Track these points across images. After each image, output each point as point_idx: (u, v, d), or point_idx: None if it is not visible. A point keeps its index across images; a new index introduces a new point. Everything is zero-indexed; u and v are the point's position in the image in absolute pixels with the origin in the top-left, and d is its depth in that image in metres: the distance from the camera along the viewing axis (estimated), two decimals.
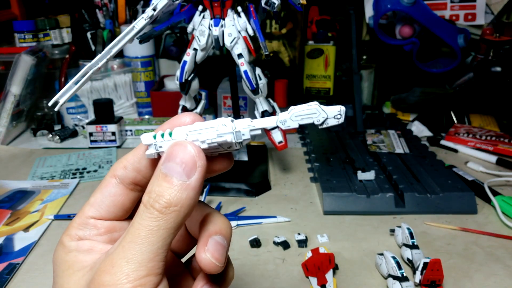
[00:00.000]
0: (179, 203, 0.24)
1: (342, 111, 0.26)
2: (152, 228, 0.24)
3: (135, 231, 0.24)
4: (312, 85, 1.09)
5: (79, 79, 0.54)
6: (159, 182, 0.25)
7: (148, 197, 0.25)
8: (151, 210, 0.24)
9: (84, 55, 1.10)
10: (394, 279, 0.49)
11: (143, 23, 0.59)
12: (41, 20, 1.09)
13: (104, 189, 0.28)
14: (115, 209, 0.28)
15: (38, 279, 0.53)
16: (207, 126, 0.26)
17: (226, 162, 0.28)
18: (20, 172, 0.83)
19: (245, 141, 0.27)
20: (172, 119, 0.28)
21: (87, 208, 0.28)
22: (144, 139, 0.27)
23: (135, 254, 0.23)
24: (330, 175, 0.74)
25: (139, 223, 0.24)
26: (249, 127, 0.26)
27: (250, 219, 0.65)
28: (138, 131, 0.99)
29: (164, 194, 0.24)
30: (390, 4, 0.92)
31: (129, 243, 0.24)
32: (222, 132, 0.26)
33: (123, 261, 0.23)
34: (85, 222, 0.28)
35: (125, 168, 0.28)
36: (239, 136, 0.26)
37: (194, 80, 0.72)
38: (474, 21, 1.05)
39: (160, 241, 0.24)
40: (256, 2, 0.66)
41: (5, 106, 0.95)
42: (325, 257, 0.52)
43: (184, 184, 0.25)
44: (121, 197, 0.28)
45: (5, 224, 0.65)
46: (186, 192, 0.24)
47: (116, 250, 0.24)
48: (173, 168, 0.25)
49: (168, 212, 0.24)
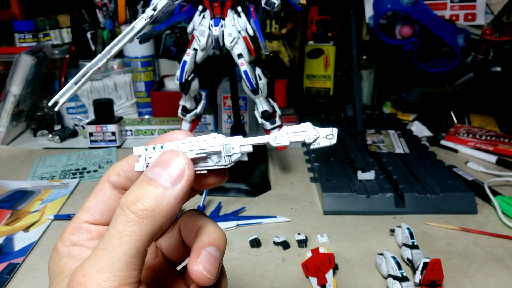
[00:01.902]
0: (157, 209, 0.23)
1: (334, 132, 0.26)
2: (125, 234, 0.23)
3: (108, 237, 0.23)
4: (312, 85, 1.09)
5: (79, 79, 0.54)
6: (141, 185, 0.24)
7: (125, 198, 0.24)
8: (127, 212, 0.23)
9: (84, 55, 1.10)
10: (394, 279, 0.49)
11: (143, 23, 0.59)
12: (41, 20, 1.09)
13: (98, 194, 0.28)
14: (108, 213, 0.28)
15: (38, 279, 0.53)
16: (198, 139, 0.26)
17: (219, 178, 0.28)
18: (20, 172, 0.83)
19: (235, 156, 0.26)
20: (165, 135, 0.28)
21: (81, 213, 0.28)
22: (136, 151, 0.27)
23: (107, 263, 0.22)
24: (330, 175, 0.74)
25: (113, 227, 0.23)
26: (240, 142, 0.26)
27: (250, 219, 0.65)
28: (138, 131, 0.99)
29: (143, 197, 0.23)
30: (390, 4, 0.92)
31: (101, 250, 0.23)
32: (212, 144, 0.26)
33: (94, 270, 0.22)
34: (78, 226, 0.28)
35: (118, 174, 0.28)
36: (229, 149, 0.26)
37: (194, 80, 0.72)
38: (474, 21, 1.05)
39: (133, 249, 0.23)
40: (256, 2, 0.66)
41: (5, 106, 0.95)
42: (325, 257, 0.52)
43: (167, 190, 0.24)
44: (114, 201, 0.28)
45: (5, 224, 0.65)
46: (167, 199, 0.24)
47: (89, 258, 0.23)
48: (159, 173, 0.24)
49: (144, 216, 0.23)
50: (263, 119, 0.73)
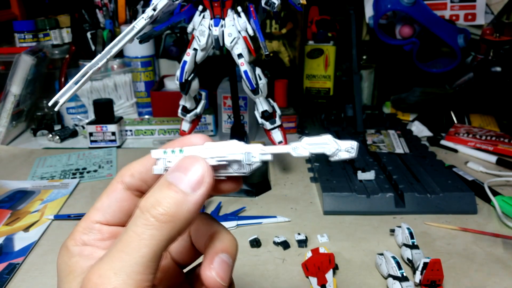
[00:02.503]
0: (177, 214, 0.23)
1: (354, 146, 0.27)
2: (144, 238, 0.23)
3: (127, 239, 0.23)
4: (312, 85, 1.09)
5: (79, 79, 0.54)
6: (161, 188, 0.24)
7: (145, 201, 0.24)
8: (147, 216, 0.23)
9: (84, 55, 1.11)
10: (394, 279, 0.49)
11: (143, 23, 0.59)
12: (41, 20, 1.09)
13: (111, 194, 0.28)
14: (120, 214, 0.28)
15: (38, 279, 0.53)
16: (218, 145, 0.26)
17: (235, 184, 0.28)
18: (20, 172, 0.83)
19: (255, 165, 0.27)
20: (182, 138, 0.28)
21: (93, 212, 0.28)
22: (154, 153, 0.27)
23: (124, 266, 0.22)
24: (330, 175, 0.74)
25: (132, 230, 0.23)
26: (260, 151, 0.27)
27: (250, 219, 0.65)
28: (138, 131, 0.99)
29: (163, 201, 0.24)
30: (390, 4, 0.92)
31: (119, 252, 0.23)
32: (233, 151, 0.26)
33: (111, 272, 0.22)
34: (90, 226, 0.28)
35: (132, 176, 0.28)
36: (249, 158, 0.26)
37: (194, 80, 0.72)
38: (474, 21, 1.05)
39: (151, 253, 0.23)
40: (256, 2, 0.66)
41: (5, 106, 0.95)
42: (325, 257, 0.52)
43: (187, 196, 0.24)
44: (127, 202, 0.28)
45: (5, 224, 0.65)
46: (187, 204, 0.24)
47: (105, 258, 0.23)
48: (180, 178, 0.24)
49: (163, 220, 0.23)
50: (263, 119, 0.73)
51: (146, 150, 1.00)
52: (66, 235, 0.28)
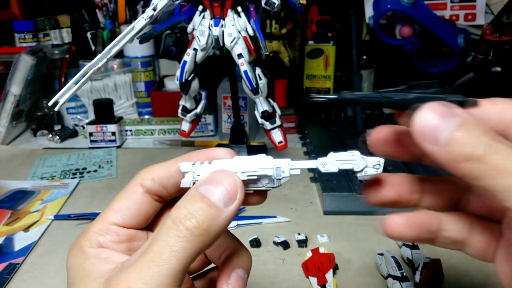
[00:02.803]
0: (209, 228, 0.24)
1: (381, 162, 0.27)
2: (176, 250, 0.23)
3: (158, 250, 0.23)
4: (312, 85, 1.09)
5: (79, 79, 0.55)
6: (194, 201, 0.24)
7: (178, 212, 0.24)
8: (180, 227, 0.23)
9: (84, 55, 1.11)
10: (394, 279, 0.49)
11: (143, 23, 0.59)
12: (41, 20, 1.09)
13: (130, 196, 0.28)
14: (139, 217, 0.28)
15: (38, 279, 0.53)
16: (248, 160, 0.26)
17: (261, 197, 0.28)
18: (20, 172, 0.83)
19: (284, 180, 0.27)
20: (209, 150, 0.28)
21: (110, 214, 0.28)
22: (183, 167, 0.27)
23: (154, 276, 0.22)
24: (330, 175, 0.74)
25: (164, 240, 0.23)
26: (289, 166, 0.27)
27: (250, 219, 0.65)
28: (138, 131, 0.99)
29: (197, 214, 0.24)
30: (390, 4, 0.92)
31: (149, 262, 0.23)
32: (263, 166, 0.26)
33: (141, 282, 0.22)
34: (107, 228, 0.27)
35: (153, 180, 0.28)
36: (279, 172, 0.27)
37: (194, 80, 0.72)
38: (474, 21, 1.05)
39: (181, 265, 0.23)
40: (256, 2, 0.66)
41: (5, 106, 0.95)
42: (325, 257, 0.52)
43: (219, 211, 0.24)
44: (146, 205, 0.28)
45: (5, 224, 0.65)
46: (219, 219, 0.24)
47: (134, 267, 0.23)
48: (213, 192, 0.24)
49: (196, 234, 0.23)
50: (263, 119, 0.73)
51: (146, 150, 1.00)
52: (66, 235, 0.28)
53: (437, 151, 0.24)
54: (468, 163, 0.23)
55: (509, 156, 0.22)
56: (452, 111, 0.24)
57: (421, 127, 0.24)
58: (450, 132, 0.23)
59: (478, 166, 0.23)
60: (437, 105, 0.24)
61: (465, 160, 0.23)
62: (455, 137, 0.23)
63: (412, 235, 0.28)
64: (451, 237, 0.29)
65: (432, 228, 0.28)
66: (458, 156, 0.23)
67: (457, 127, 0.23)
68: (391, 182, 0.30)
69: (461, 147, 0.23)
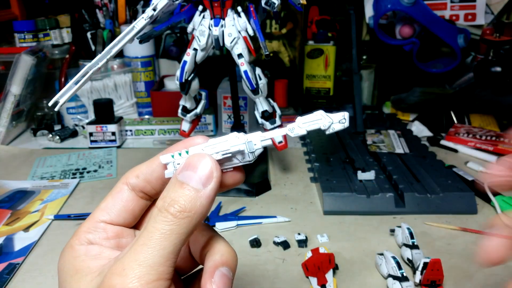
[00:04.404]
0: (193, 209, 0.25)
1: (346, 116, 0.28)
2: (165, 232, 0.24)
3: (148, 234, 0.25)
4: (312, 85, 1.09)
5: (79, 79, 0.54)
6: (175, 188, 0.26)
7: (163, 201, 0.25)
8: (165, 214, 0.25)
9: (84, 55, 1.11)
10: (394, 279, 0.49)
11: (143, 23, 0.59)
12: (41, 20, 1.09)
13: (116, 195, 0.29)
14: (125, 214, 0.29)
15: (38, 279, 0.53)
16: (221, 140, 0.28)
17: (239, 175, 0.29)
18: (20, 172, 0.83)
19: (257, 151, 0.28)
20: (186, 140, 0.29)
21: (97, 212, 0.29)
22: (163, 159, 0.28)
23: (147, 257, 0.24)
24: (330, 175, 0.74)
25: (153, 226, 0.25)
26: (260, 137, 0.28)
27: (250, 219, 0.65)
28: (138, 131, 0.99)
29: (179, 199, 0.25)
30: (390, 4, 0.92)
31: (141, 245, 0.24)
32: (235, 143, 0.28)
33: (135, 264, 0.24)
34: (95, 226, 0.29)
35: (137, 177, 0.29)
36: (251, 146, 0.28)
37: (194, 80, 0.72)
38: (474, 21, 1.05)
39: (172, 246, 0.24)
40: (256, 2, 0.66)
41: (5, 106, 0.95)
42: (325, 257, 0.52)
43: (199, 192, 0.25)
44: (131, 202, 0.29)
45: (5, 224, 0.65)
46: (200, 199, 0.25)
47: (128, 253, 0.24)
48: (190, 176, 0.26)
49: (181, 217, 0.25)
50: (263, 119, 0.73)
51: (146, 150, 1.00)
52: (66, 235, 0.28)
53: None
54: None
55: None
56: None
57: None
58: None
59: None
60: None
61: None
62: None
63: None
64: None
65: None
66: None
67: None
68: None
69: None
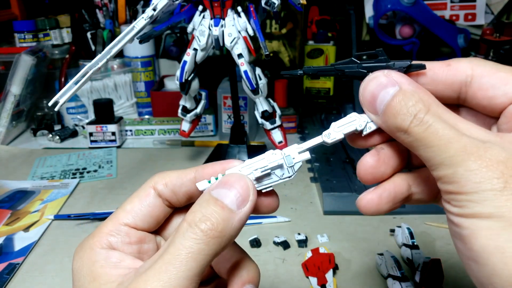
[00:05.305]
0: (224, 230, 0.24)
1: None
2: (193, 251, 0.23)
3: (175, 252, 0.23)
4: (312, 85, 1.09)
5: (79, 79, 0.54)
6: (208, 204, 0.25)
7: (193, 216, 0.24)
8: (195, 230, 0.24)
9: (84, 55, 1.11)
10: (394, 279, 0.49)
11: (143, 23, 0.59)
12: (41, 20, 1.09)
13: (144, 198, 0.28)
14: (150, 219, 0.28)
15: (38, 279, 0.53)
16: (258, 159, 0.27)
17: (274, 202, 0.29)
18: (20, 172, 0.83)
19: (297, 165, 0.28)
20: (222, 162, 0.28)
21: (122, 214, 0.28)
22: (200, 186, 0.27)
23: (171, 278, 0.23)
24: (330, 175, 0.74)
25: (181, 243, 0.23)
26: (297, 149, 0.28)
27: (250, 219, 0.64)
28: (138, 131, 0.99)
29: (211, 217, 0.24)
30: (390, 4, 0.92)
31: (166, 264, 0.23)
32: (273, 159, 0.27)
33: (158, 284, 0.22)
34: (118, 228, 0.27)
35: (166, 185, 0.28)
36: (290, 160, 0.27)
37: (194, 80, 0.72)
38: (474, 21, 1.05)
39: (198, 268, 0.23)
40: (256, 2, 0.66)
41: (5, 106, 0.95)
42: (325, 257, 0.52)
43: (233, 213, 0.24)
44: (157, 208, 0.28)
45: (5, 224, 0.65)
46: (233, 221, 0.24)
47: (152, 269, 0.23)
48: (226, 195, 0.25)
49: (212, 236, 0.24)
50: (263, 119, 0.73)
51: (146, 150, 1.00)
52: (66, 235, 0.28)
53: (377, 120, 0.26)
54: (398, 133, 0.24)
55: (429, 128, 0.23)
56: (391, 80, 0.25)
57: (363, 97, 0.25)
58: (385, 102, 0.24)
59: (405, 137, 0.24)
60: (378, 74, 0.25)
61: (396, 130, 0.24)
62: (388, 107, 0.24)
63: (386, 208, 0.29)
64: (421, 199, 0.29)
65: (403, 196, 0.29)
66: (391, 126, 0.24)
67: (391, 97, 0.24)
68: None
69: (392, 117, 0.24)
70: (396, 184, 0.29)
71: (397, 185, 0.29)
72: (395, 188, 0.29)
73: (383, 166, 0.28)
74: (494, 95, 0.25)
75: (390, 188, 0.29)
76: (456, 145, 0.22)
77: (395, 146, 0.28)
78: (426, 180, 0.29)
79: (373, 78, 0.25)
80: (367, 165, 0.29)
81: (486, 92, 0.25)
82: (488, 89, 0.25)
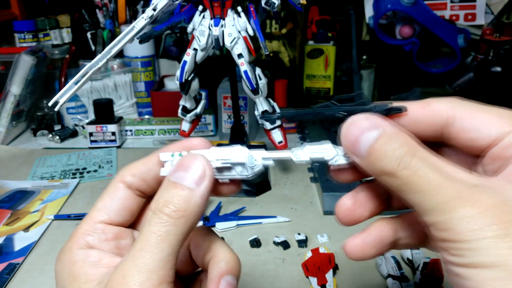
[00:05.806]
0: (188, 209, 0.25)
1: None
2: (161, 234, 0.24)
3: (144, 238, 0.24)
4: (312, 85, 1.09)
5: (79, 79, 0.55)
6: (168, 189, 0.25)
7: (156, 203, 0.25)
8: (160, 215, 0.24)
9: (84, 55, 1.11)
10: (394, 279, 0.49)
11: (143, 23, 0.59)
12: (41, 20, 1.09)
13: (113, 193, 0.29)
14: (123, 213, 0.29)
15: (38, 279, 0.53)
16: (223, 149, 0.28)
17: (235, 187, 0.29)
18: (20, 172, 0.83)
19: (257, 168, 0.28)
20: (185, 141, 0.29)
21: (95, 213, 0.28)
22: (162, 156, 0.28)
23: (146, 262, 0.23)
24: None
25: (149, 229, 0.24)
26: (263, 155, 0.28)
27: (250, 219, 0.65)
28: (138, 131, 0.99)
29: (173, 200, 0.25)
30: (390, 4, 0.92)
31: (138, 251, 0.24)
32: (237, 154, 0.28)
33: (135, 271, 0.23)
34: (93, 227, 0.28)
35: (134, 175, 0.29)
36: (252, 161, 0.28)
37: (194, 80, 0.72)
38: (474, 21, 1.05)
39: (170, 247, 0.24)
40: (256, 2, 0.66)
41: (5, 106, 0.95)
42: (325, 257, 0.52)
43: (192, 191, 0.25)
44: (129, 200, 0.29)
45: (5, 224, 0.65)
46: (194, 198, 0.25)
47: (126, 260, 0.24)
48: (183, 176, 0.25)
49: (177, 216, 0.24)
50: (263, 119, 0.73)
51: (146, 150, 1.00)
52: (66, 235, 0.28)
53: (361, 163, 0.25)
54: (384, 177, 0.24)
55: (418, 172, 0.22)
56: (373, 123, 0.24)
57: (346, 140, 0.25)
58: (368, 145, 0.24)
59: (392, 180, 0.23)
60: (359, 117, 0.25)
61: (382, 173, 0.24)
62: (372, 150, 0.24)
63: (372, 254, 0.29)
64: (409, 243, 0.29)
65: (389, 241, 0.29)
66: (376, 169, 0.24)
67: (374, 140, 0.24)
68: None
69: (377, 161, 0.24)
70: (381, 229, 0.29)
71: (383, 229, 0.29)
72: (381, 233, 0.29)
73: (360, 208, 0.29)
74: (476, 137, 0.25)
75: (375, 233, 0.29)
76: (448, 190, 0.22)
77: (373, 189, 0.28)
78: (413, 224, 0.28)
79: (355, 121, 0.25)
80: (344, 207, 0.29)
81: (468, 134, 0.25)
82: (470, 131, 0.25)
